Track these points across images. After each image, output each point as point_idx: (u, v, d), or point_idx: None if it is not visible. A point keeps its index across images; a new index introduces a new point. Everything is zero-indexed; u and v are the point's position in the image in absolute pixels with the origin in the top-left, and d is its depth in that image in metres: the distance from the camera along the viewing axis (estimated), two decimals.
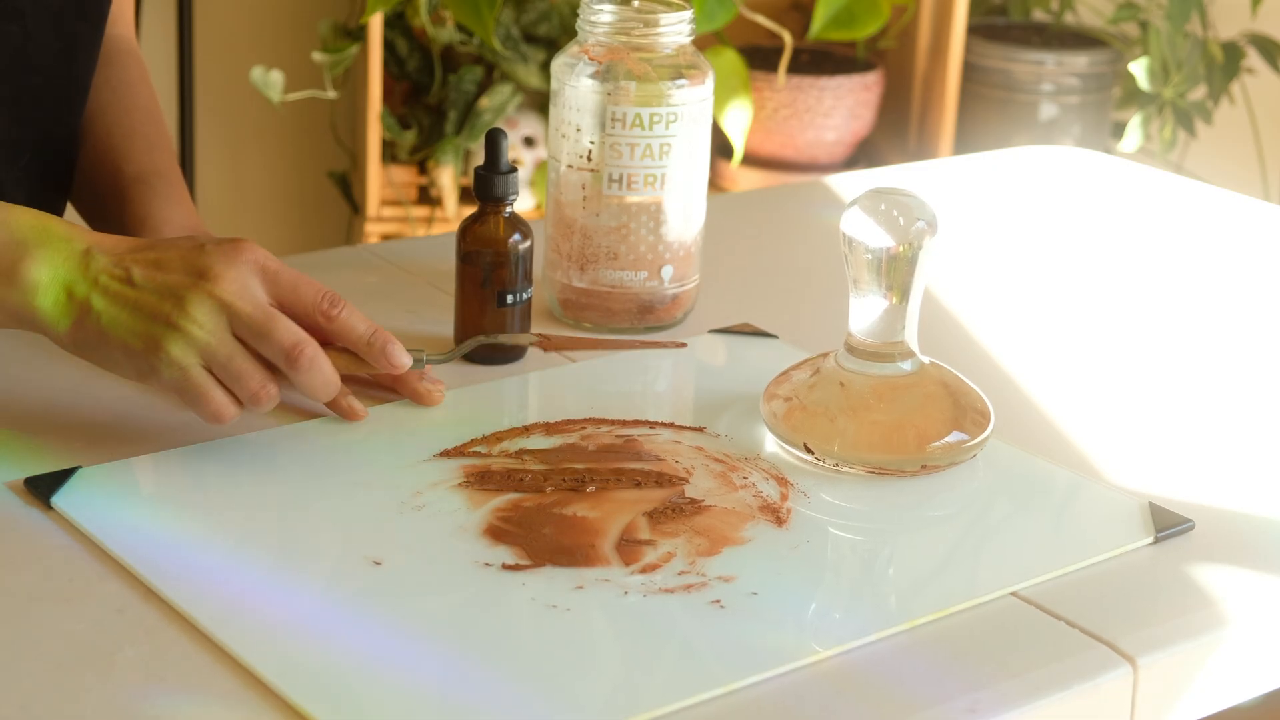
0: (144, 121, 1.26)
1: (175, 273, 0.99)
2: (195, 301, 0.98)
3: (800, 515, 1.00)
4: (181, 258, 1.00)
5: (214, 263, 0.99)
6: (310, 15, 2.78)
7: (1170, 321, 1.35)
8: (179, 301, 0.98)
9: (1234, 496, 1.06)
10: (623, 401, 1.13)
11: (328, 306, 1.02)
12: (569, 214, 1.23)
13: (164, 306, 0.98)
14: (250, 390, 0.99)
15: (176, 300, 0.98)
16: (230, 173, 2.86)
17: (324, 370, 1.01)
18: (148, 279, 0.99)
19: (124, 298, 0.99)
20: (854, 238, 1.05)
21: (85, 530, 0.94)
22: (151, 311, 0.98)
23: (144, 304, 0.98)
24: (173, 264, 0.99)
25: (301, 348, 0.99)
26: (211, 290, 0.98)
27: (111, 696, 0.81)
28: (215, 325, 0.98)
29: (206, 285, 0.98)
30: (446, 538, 0.95)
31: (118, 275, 0.99)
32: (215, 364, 0.99)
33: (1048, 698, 0.86)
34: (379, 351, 1.04)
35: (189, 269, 0.99)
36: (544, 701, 0.82)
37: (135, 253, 1.01)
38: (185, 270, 0.99)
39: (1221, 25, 2.84)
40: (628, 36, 1.20)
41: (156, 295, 0.98)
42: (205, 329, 0.98)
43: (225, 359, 0.99)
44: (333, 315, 1.02)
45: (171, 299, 0.98)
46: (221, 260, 0.99)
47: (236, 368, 0.99)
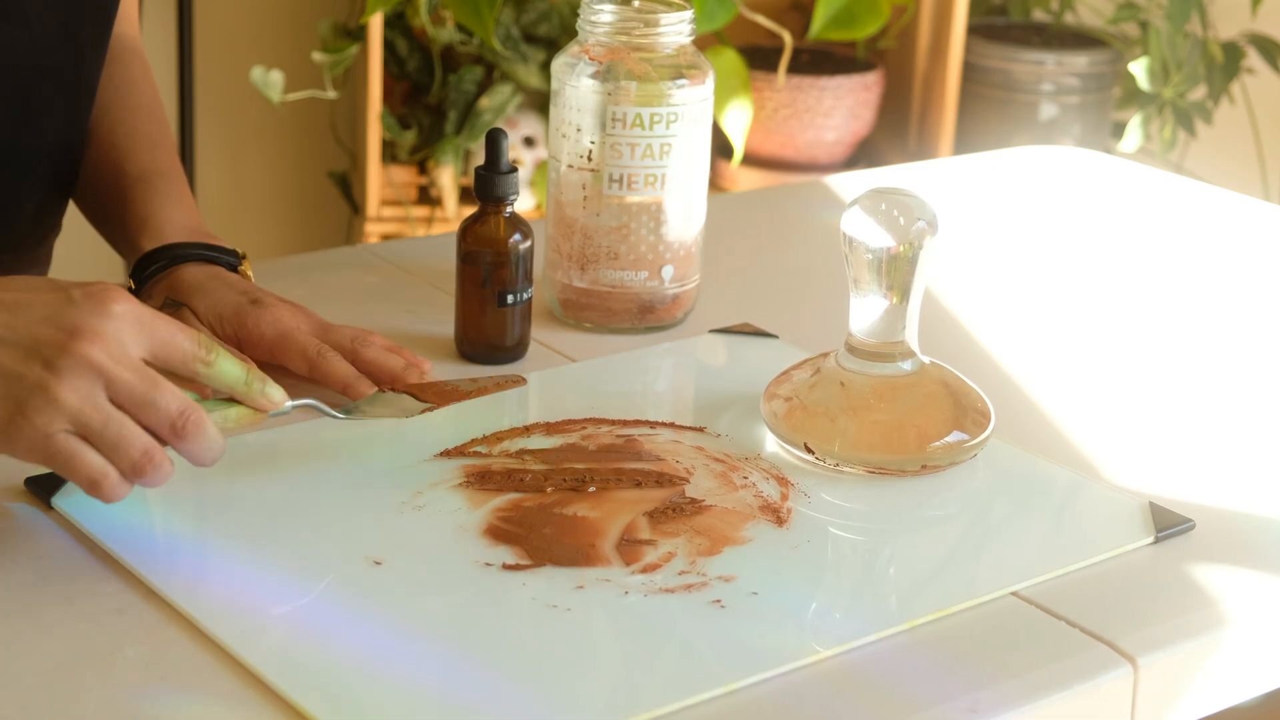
0: (146, 120, 1.26)
1: (40, 325, 0.86)
2: (67, 365, 0.85)
3: (800, 515, 1.00)
4: (45, 307, 0.87)
5: (85, 317, 0.86)
6: (310, 15, 2.78)
7: (1170, 321, 1.35)
8: (47, 363, 0.85)
9: (1234, 496, 1.06)
10: (623, 401, 1.13)
11: (204, 354, 0.90)
12: (569, 214, 1.23)
13: (29, 368, 0.85)
14: (132, 459, 0.87)
15: (44, 361, 0.85)
16: (230, 173, 2.86)
17: (210, 434, 0.90)
18: (7, 329, 0.86)
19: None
20: (854, 238, 1.05)
21: (85, 530, 0.94)
22: (13, 373, 0.85)
23: (2, 364, 0.86)
24: (34, 312, 0.86)
25: (187, 414, 0.88)
26: (85, 352, 0.85)
27: (111, 696, 0.81)
28: (89, 390, 0.86)
29: (79, 346, 0.85)
30: (446, 538, 0.95)
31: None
32: (90, 433, 0.87)
33: (1048, 698, 0.86)
34: (257, 393, 0.94)
35: (57, 323, 0.86)
36: (544, 701, 0.82)
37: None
38: (52, 324, 0.86)
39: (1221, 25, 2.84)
40: (628, 36, 1.20)
41: (19, 351, 0.85)
42: (79, 394, 0.86)
43: (101, 426, 0.86)
44: (210, 362, 0.91)
45: (38, 359, 0.85)
46: (94, 314, 0.86)
47: (113, 435, 0.87)
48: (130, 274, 1.17)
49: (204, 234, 1.18)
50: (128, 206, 1.20)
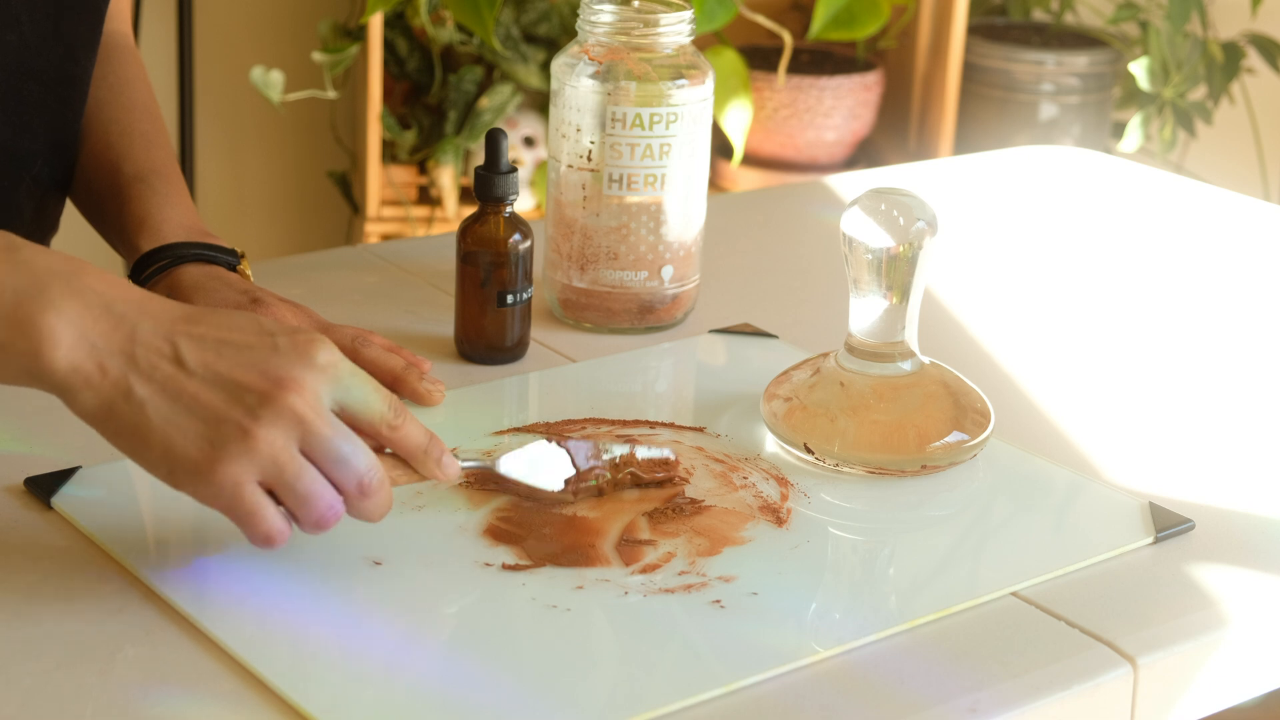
0: (142, 119, 1.26)
1: (244, 370, 0.84)
2: (268, 415, 0.84)
3: (800, 515, 1.00)
4: (250, 352, 0.85)
5: (289, 367, 0.85)
6: (310, 15, 2.78)
7: (1170, 322, 1.35)
8: (249, 410, 0.84)
9: (1234, 496, 1.06)
10: (623, 401, 1.13)
11: (393, 417, 0.89)
12: (569, 214, 1.23)
13: (232, 411, 0.84)
14: (318, 514, 0.86)
15: (246, 408, 0.84)
16: (230, 173, 2.86)
17: (388, 493, 0.89)
18: (206, 368, 0.84)
19: (176, 389, 0.84)
20: (854, 238, 1.05)
21: (85, 530, 0.94)
22: (215, 414, 0.84)
23: (204, 403, 0.84)
24: (239, 356, 0.85)
25: (375, 474, 0.87)
26: (288, 403, 0.84)
27: (111, 696, 0.81)
28: (286, 442, 0.84)
29: (282, 396, 0.84)
30: (446, 538, 0.95)
31: (166, 354, 0.84)
32: (280, 484, 0.85)
33: (1048, 698, 0.86)
34: (434, 463, 0.91)
35: (261, 370, 0.84)
36: (544, 701, 0.82)
37: (188, 326, 0.86)
38: (256, 370, 0.84)
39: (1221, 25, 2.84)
40: (628, 36, 1.20)
41: (222, 394, 0.84)
42: (275, 446, 0.84)
43: (293, 479, 0.85)
44: (397, 426, 0.89)
45: (241, 405, 0.84)
46: (297, 364, 0.85)
47: (304, 489, 0.85)
48: (129, 274, 1.16)
49: (202, 233, 1.18)
50: (125, 206, 1.19)
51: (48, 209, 1.24)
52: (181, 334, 0.85)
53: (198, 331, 0.85)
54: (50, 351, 0.83)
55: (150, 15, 2.68)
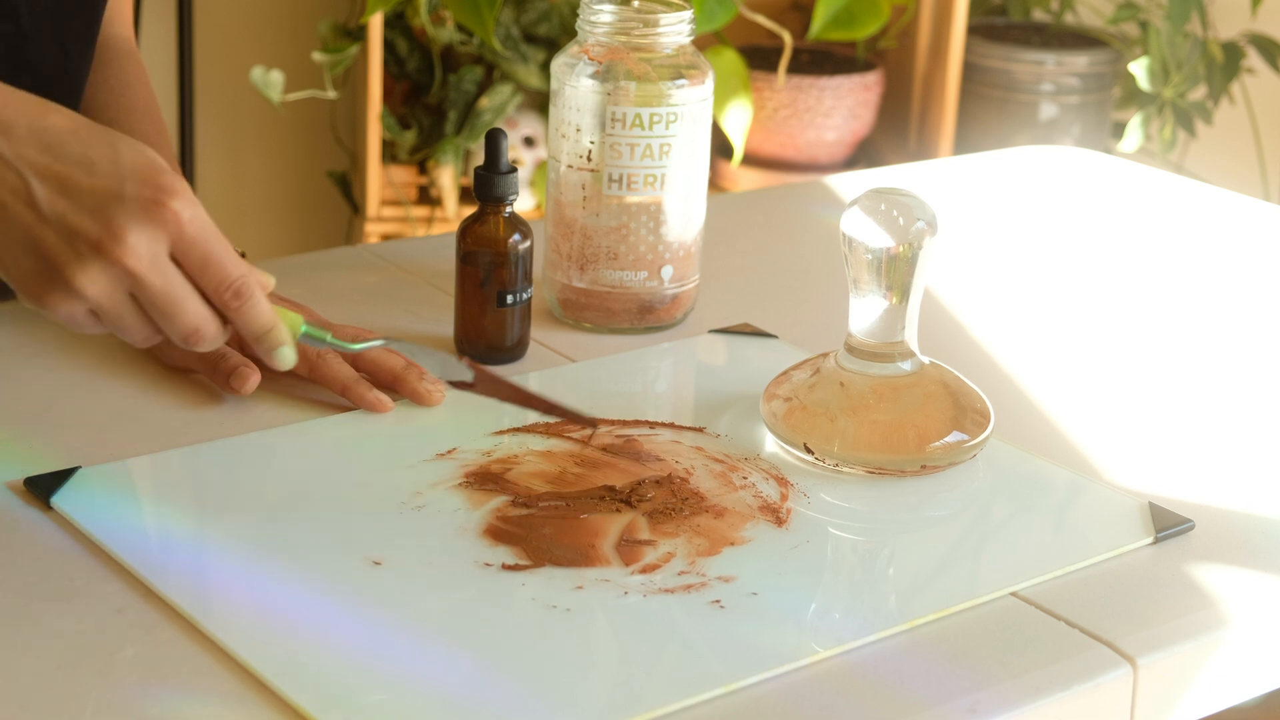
0: (143, 121, 1.26)
1: (83, 213, 0.88)
2: (96, 265, 0.89)
3: (800, 515, 1.00)
4: (94, 195, 0.89)
5: (129, 223, 0.88)
6: (310, 15, 2.78)
7: (1170, 322, 1.35)
8: (79, 259, 0.88)
9: (1234, 496, 1.06)
10: (623, 401, 1.13)
11: (230, 297, 0.93)
12: (569, 214, 1.23)
13: (62, 254, 0.88)
14: (133, 341, 0.93)
15: (77, 254, 0.88)
16: (230, 173, 2.86)
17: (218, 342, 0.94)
18: (49, 207, 0.88)
19: (18, 221, 0.89)
20: (854, 238, 1.05)
21: (85, 530, 0.94)
22: (47, 255, 0.88)
23: (40, 241, 0.88)
24: (83, 197, 0.88)
25: (200, 334, 0.92)
26: (119, 258, 0.88)
27: (111, 696, 0.81)
28: (111, 290, 0.90)
29: (114, 250, 0.88)
30: (446, 538, 0.95)
31: (14, 186, 0.88)
32: (103, 318, 0.92)
33: (1048, 698, 0.86)
34: (265, 353, 0.97)
35: (100, 217, 0.88)
36: (544, 701, 0.82)
37: (44, 157, 0.89)
38: (95, 216, 0.88)
39: (1221, 25, 2.84)
40: (628, 36, 1.20)
41: (58, 236, 0.88)
42: (101, 292, 0.89)
43: (115, 319, 0.91)
44: (233, 308, 0.93)
45: (72, 250, 0.88)
46: (138, 220, 0.88)
47: (123, 326, 0.92)
48: None
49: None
50: None
51: None
52: (35, 168, 0.89)
53: (52, 168, 0.89)
54: None
55: (150, 15, 2.68)
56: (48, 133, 0.89)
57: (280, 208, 2.91)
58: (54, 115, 0.91)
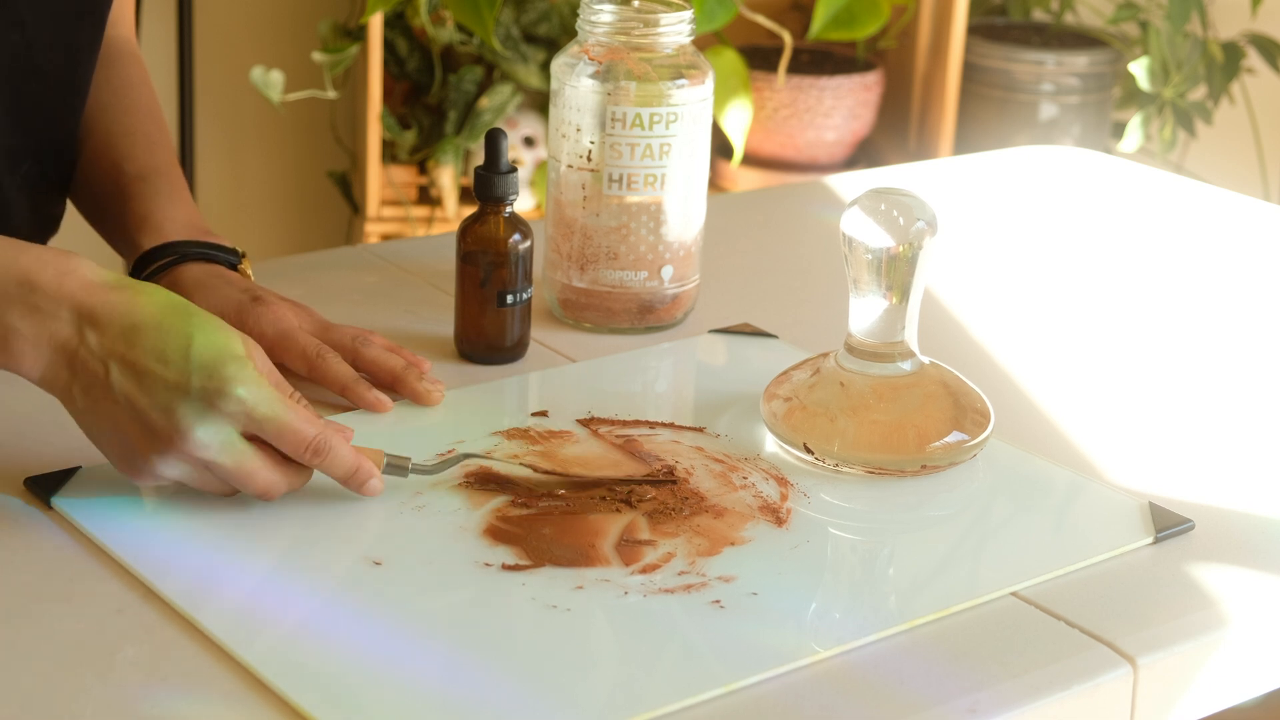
0: (144, 121, 1.26)
1: (156, 410, 0.93)
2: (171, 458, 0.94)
3: (800, 515, 1.00)
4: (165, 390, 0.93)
5: (194, 421, 0.93)
6: (310, 15, 2.78)
7: (1170, 322, 1.35)
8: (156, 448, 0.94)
9: (1234, 496, 1.06)
10: (623, 401, 1.13)
11: (311, 456, 0.96)
12: (569, 214, 1.23)
13: (140, 444, 0.94)
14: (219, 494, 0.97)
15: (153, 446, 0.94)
16: (230, 173, 2.86)
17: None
18: (126, 399, 0.93)
19: (104, 408, 0.94)
20: (854, 238, 1.05)
21: (85, 530, 0.94)
22: (128, 441, 0.94)
23: (122, 428, 0.94)
24: (156, 392, 0.93)
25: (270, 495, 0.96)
26: (189, 451, 0.93)
27: (111, 696, 0.81)
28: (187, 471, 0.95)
29: (183, 445, 0.93)
30: (446, 538, 0.95)
31: (99, 375, 0.94)
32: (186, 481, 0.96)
33: (1048, 698, 0.86)
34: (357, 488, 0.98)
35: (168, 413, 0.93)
36: (544, 701, 0.82)
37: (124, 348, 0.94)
38: (165, 413, 0.93)
39: (1221, 25, 2.84)
40: (628, 36, 1.20)
41: (136, 427, 0.93)
42: (177, 473, 0.95)
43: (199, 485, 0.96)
44: (318, 464, 0.97)
45: (147, 441, 0.94)
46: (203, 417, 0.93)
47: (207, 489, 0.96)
48: (130, 272, 1.17)
49: (204, 232, 1.18)
50: (127, 205, 1.20)
51: (45, 208, 1.24)
52: (115, 358, 0.94)
53: (130, 357, 0.94)
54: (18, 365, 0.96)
55: (150, 15, 2.68)
56: (134, 329, 0.95)
57: (280, 208, 2.91)
58: (142, 307, 0.95)
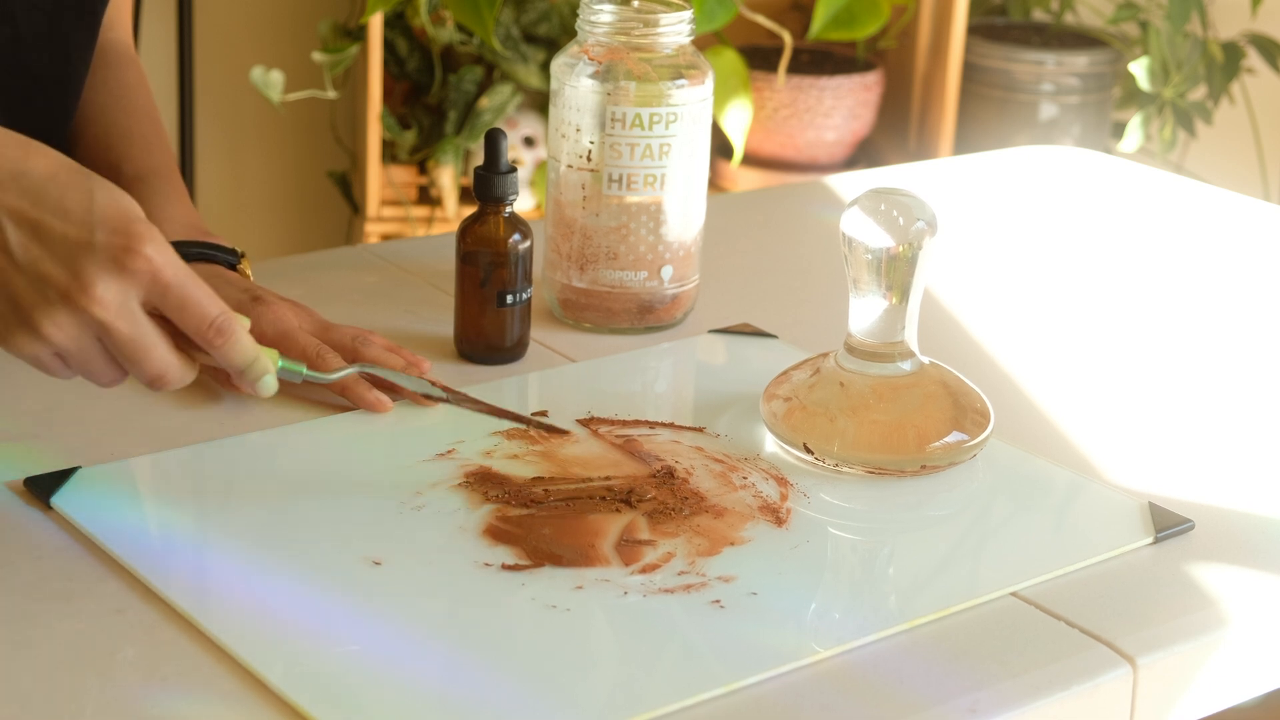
0: (142, 123, 1.26)
1: (54, 262, 0.88)
2: (63, 312, 0.89)
3: (800, 515, 1.00)
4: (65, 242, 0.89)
5: (97, 273, 0.88)
6: (310, 15, 2.78)
7: (1170, 322, 1.35)
8: (46, 305, 0.89)
9: (1234, 496, 1.06)
10: (623, 401, 1.13)
11: (213, 336, 0.93)
12: (569, 214, 1.23)
13: (29, 298, 0.89)
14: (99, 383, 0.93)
15: (44, 299, 0.89)
16: (230, 173, 2.86)
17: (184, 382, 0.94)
18: (22, 251, 0.88)
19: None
20: (854, 238, 1.05)
21: (85, 530, 0.94)
22: (15, 297, 0.89)
23: (10, 284, 0.89)
24: (54, 244, 0.89)
25: (165, 379, 0.92)
26: (85, 306, 0.89)
27: (111, 696, 0.81)
28: (77, 335, 0.90)
29: (81, 299, 0.88)
30: (446, 538, 0.95)
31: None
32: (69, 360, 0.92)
33: (1048, 698, 0.86)
34: (249, 384, 0.97)
35: (69, 265, 0.88)
36: (544, 701, 0.82)
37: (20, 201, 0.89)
38: (65, 265, 0.88)
39: (1221, 25, 2.84)
40: (628, 36, 1.20)
41: (28, 280, 0.89)
42: (66, 337, 0.90)
43: (81, 361, 0.91)
44: (216, 345, 0.93)
45: (40, 295, 0.89)
46: (106, 270, 0.89)
47: (90, 369, 0.92)
48: None
49: (203, 232, 1.18)
50: None
51: None
52: (10, 212, 0.89)
53: (27, 214, 0.89)
54: None
55: (150, 16, 2.68)
56: (27, 177, 0.90)
57: (280, 208, 2.91)
58: (35, 158, 0.90)
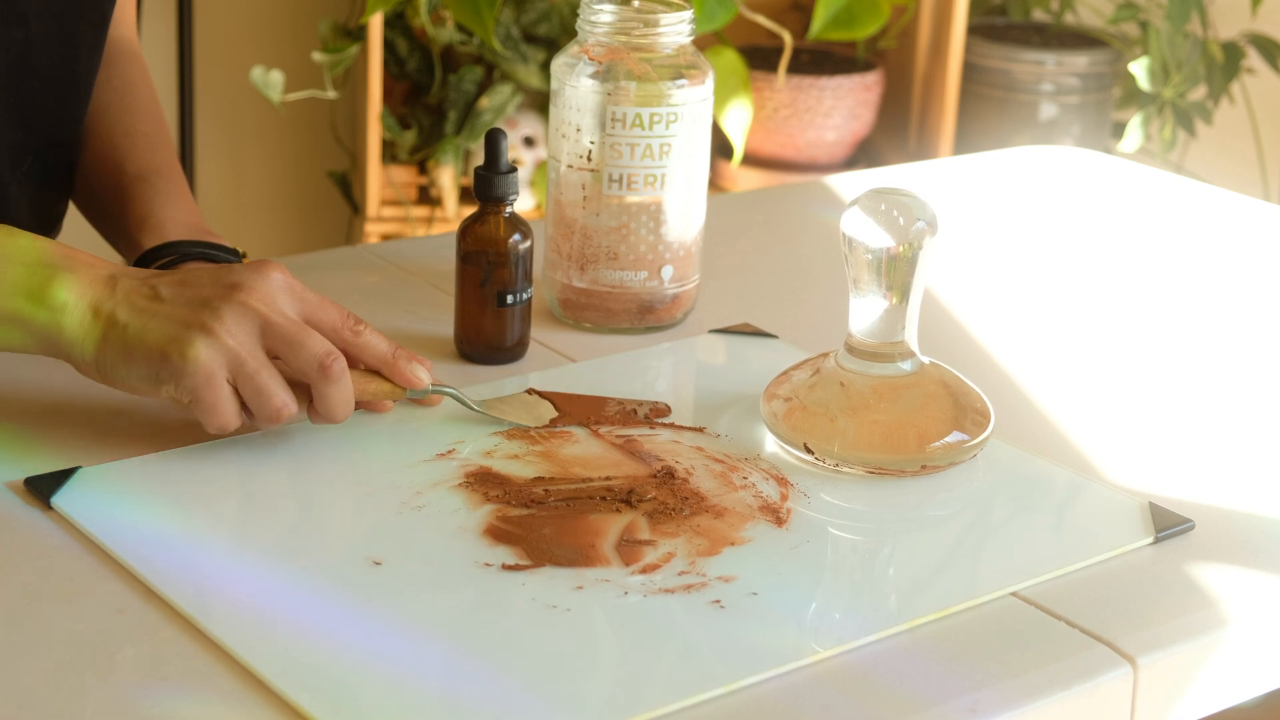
0: (145, 121, 1.26)
1: (204, 286, 0.99)
2: (228, 309, 0.98)
3: (800, 515, 1.00)
4: (210, 275, 1.01)
5: (244, 277, 1.00)
6: (310, 15, 2.78)
7: (1170, 322, 1.35)
8: (212, 309, 0.98)
9: (1234, 496, 1.06)
10: None
11: (353, 324, 1.03)
12: (569, 214, 1.23)
13: (195, 314, 0.98)
14: (273, 407, 0.99)
15: (209, 308, 0.98)
16: (230, 173, 2.86)
17: (348, 387, 1.01)
18: (175, 294, 0.99)
19: (151, 311, 0.99)
20: (854, 238, 1.05)
21: (85, 530, 0.94)
22: (182, 319, 0.98)
23: (174, 314, 0.98)
24: (201, 281, 1.00)
25: (334, 358, 1.00)
26: (245, 300, 0.98)
27: (111, 696, 0.81)
28: (247, 334, 0.98)
29: (239, 295, 0.98)
30: (446, 538, 0.95)
31: (144, 293, 1.00)
32: (242, 375, 0.98)
33: (1048, 698, 0.86)
34: (401, 367, 1.05)
35: (218, 283, 0.99)
36: (544, 701, 0.82)
37: (161, 275, 1.02)
38: (214, 284, 0.99)
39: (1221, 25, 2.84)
40: (628, 36, 1.20)
41: (186, 306, 0.99)
42: (236, 337, 0.98)
43: (253, 371, 0.98)
44: (358, 331, 1.03)
45: (203, 306, 0.98)
46: (251, 275, 1.00)
47: (263, 382, 0.98)
48: None
49: (205, 232, 1.19)
50: (128, 205, 1.20)
51: (48, 207, 1.24)
52: (156, 279, 1.01)
53: (171, 277, 1.01)
54: (61, 319, 0.99)
55: (150, 15, 2.68)
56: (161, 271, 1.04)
57: (280, 208, 2.91)
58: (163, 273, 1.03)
